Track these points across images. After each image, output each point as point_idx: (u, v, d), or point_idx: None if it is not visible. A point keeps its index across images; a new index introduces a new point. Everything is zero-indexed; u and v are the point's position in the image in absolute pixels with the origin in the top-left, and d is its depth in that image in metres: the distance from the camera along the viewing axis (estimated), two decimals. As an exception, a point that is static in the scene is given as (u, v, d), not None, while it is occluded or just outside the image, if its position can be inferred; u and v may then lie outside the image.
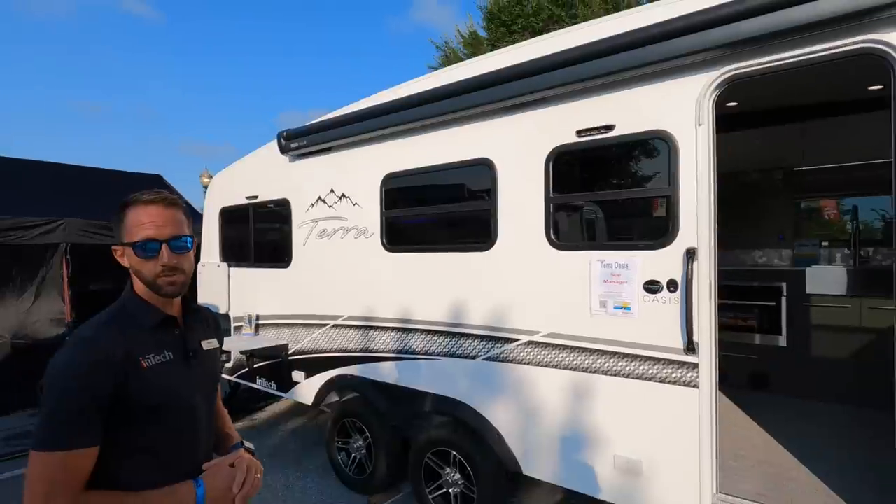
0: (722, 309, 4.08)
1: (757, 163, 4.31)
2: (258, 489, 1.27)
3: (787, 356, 3.76)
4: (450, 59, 15.50)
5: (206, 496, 1.13)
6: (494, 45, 14.24)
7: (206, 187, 14.87)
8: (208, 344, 1.35)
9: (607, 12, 12.42)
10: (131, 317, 1.19)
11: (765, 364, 3.84)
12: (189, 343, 1.27)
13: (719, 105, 3.96)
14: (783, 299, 3.77)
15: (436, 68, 15.65)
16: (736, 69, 2.14)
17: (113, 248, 1.22)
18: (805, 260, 4.10)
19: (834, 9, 1.80)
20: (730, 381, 4.00)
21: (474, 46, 14.94)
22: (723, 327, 4.04)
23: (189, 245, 1.22)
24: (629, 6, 12.73)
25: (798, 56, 2.00)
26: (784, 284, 3.78)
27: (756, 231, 4.39)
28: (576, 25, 2.76)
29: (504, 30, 14.19)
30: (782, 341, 3.78)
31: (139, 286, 1.21)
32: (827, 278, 3.52)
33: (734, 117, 4.11)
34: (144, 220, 1.16)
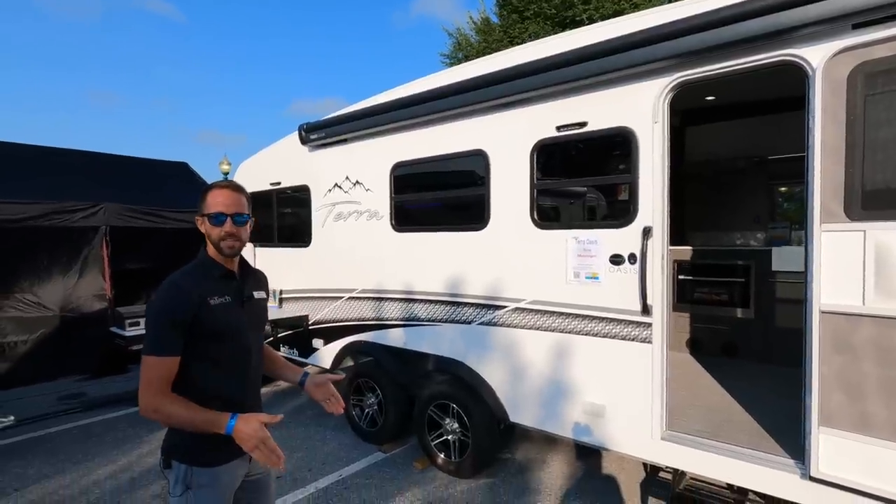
0: (699, 284, 4.51)
1: (736, 151, 4.67)
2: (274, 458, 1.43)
3: (753, 327, 4.17)
4: (461, 45, 15.70)
5: (234, 428, 1.43)
6: (506, 31, 14.38)
7: (225, 174, 15.40)
8: (259, 294, 1.84)
9: (616, -4, 12.52)
10: (205, 269, 1.66)
11: (734, 334, 4.26)
12: (244, 292, 1.75)
13: (699, 98, 4.31)
14: (752, 276, 4.17)
15: (447, 55, 15.93)
16: (685, 76, 2.53)
17: (196, 217, 1.69)
18: (777, 241, 4.47)
19: (754, 29, 2.20)
20: (703, 349, 4.43)
21: (486, 33, 15.09)
22: (699, 301, 4.48)
23: (245, 220, 1.69)
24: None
25: (733, 66, 2.39)
26: (752, 263, 4.17)
27: (735, 214, 4.77)
28: (554, 36, 3.15)
29: (516, 16, 14.26)
30: (750, 314, 4.19)
31: (210, 248, 1.68)
32: (789, 257, 3.90)
33: (714, 110, 4.47)
34: (219, 200, 1.63)
